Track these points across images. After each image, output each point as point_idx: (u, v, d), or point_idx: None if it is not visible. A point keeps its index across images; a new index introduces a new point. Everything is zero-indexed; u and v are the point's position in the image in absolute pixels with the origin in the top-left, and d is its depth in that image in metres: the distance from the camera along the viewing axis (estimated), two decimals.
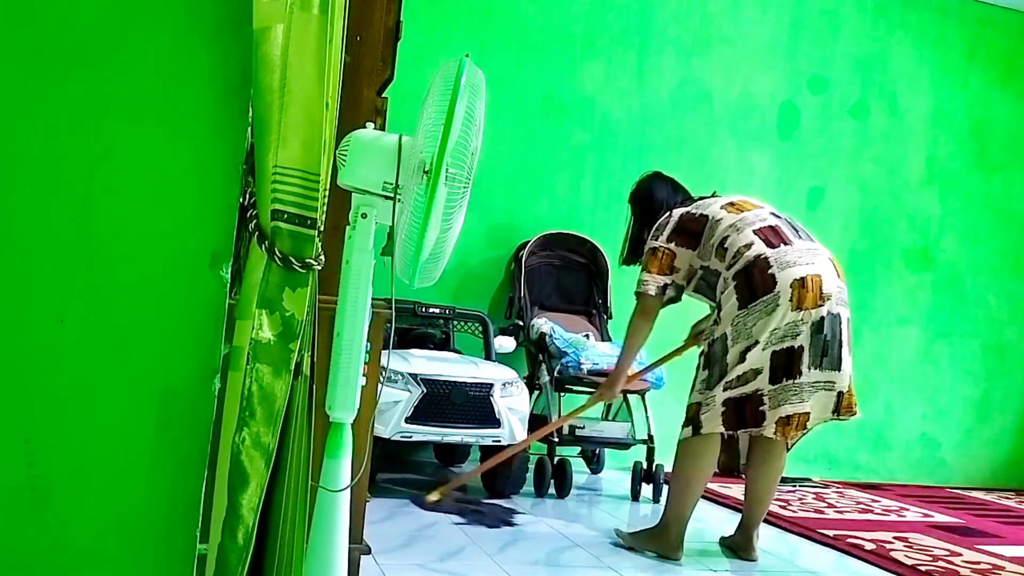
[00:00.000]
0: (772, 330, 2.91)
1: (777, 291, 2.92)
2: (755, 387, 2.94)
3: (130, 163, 1.46)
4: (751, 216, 3.11)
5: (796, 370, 2.92)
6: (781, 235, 3.05)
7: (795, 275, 2.93)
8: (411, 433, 3.57)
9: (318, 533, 1.75)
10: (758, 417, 2.95)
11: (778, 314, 2.91)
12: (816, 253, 3.04)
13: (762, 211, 3.15)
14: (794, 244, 3.02)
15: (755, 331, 2.93)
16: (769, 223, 3.09)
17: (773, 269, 2.95)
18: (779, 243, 3.01)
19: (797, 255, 2.99)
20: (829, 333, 2.95)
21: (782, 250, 2.99)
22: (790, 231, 3.08)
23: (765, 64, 5.33)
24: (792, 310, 2.91)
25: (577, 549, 3.12)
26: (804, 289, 2.92)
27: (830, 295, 2.96)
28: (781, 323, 2.91)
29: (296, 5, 1.47)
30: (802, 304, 2.91)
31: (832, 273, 3.01)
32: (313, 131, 1.49)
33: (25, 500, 1.40)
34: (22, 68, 1.41)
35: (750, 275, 2.98)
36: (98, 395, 1.44)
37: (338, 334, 1.79)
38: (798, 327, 2.92)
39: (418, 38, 4.33)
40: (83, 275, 1.44)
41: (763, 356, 2.92)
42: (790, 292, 2.91)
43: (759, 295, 2.95)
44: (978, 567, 3.35)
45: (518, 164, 4.85)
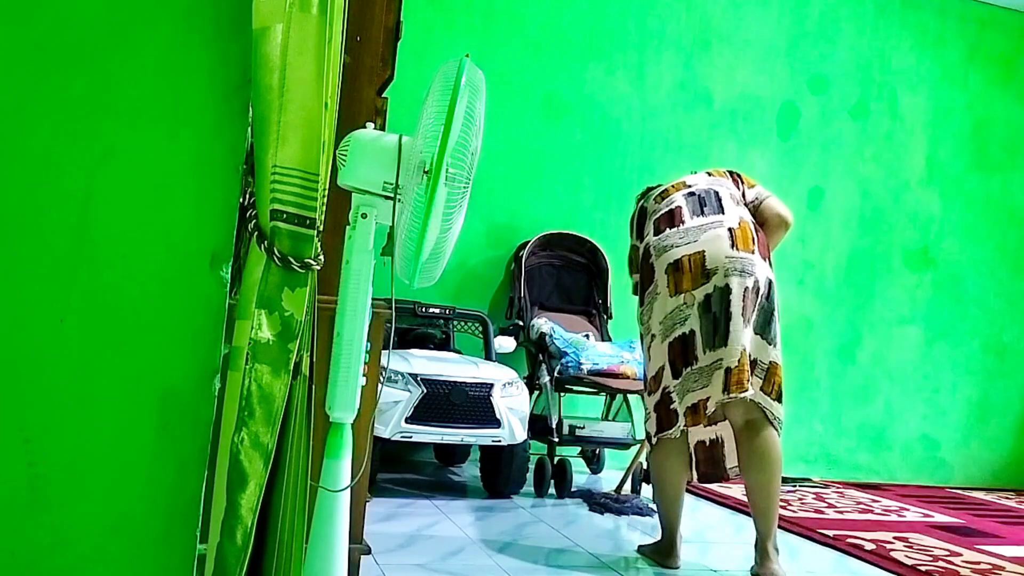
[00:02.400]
0: (660, 320, 2.88)
1: (655, 279, 2.89)
2: (664, 385, 2.90)
3: (130, 163, 1.46)
4: (664, 204, 3.04)
5: (692, 356, 2.84)
6: (675, 217, 2.95)
7: (670, 259, 2.87)
8: (411, 433, 3.57)
9: (318, 533, 1.75)
10: (672, 416, 2.88)
11: (659, 303, 2.88)
12: (707, 228, 2.88)
13: (678, 194, 3.04)
14: (685, 224, 2.92)
15: (650, 324, 2.92)
16: (673, 206, 2.99)
17: (652, 258, 2.92)
18: (666, 228, 2.94)
19: (679, 236, 2.89)
20: (717, 309, 2.81)
21: (664, 235, 2.93)
22: (691, 209, 2.96)
23: (765, 64, 5.33)
24: (671, 296, 2.85)
25: (577, 549, 3.12)
26: (679, 272, 2.85)
27: (715, 269, 2.82)
28: (666, 311, 2.86)
29: (296, 5, 1.47)
30: (680, 287, 2.84)
31: (723, 243, 2.84)
32: (312, 131, 1.49)
33: (25, 500, 1.40)
34: (22, 68, 1.41)
35: (642, 269, 2.99)
36: (98, 395, 1.44)
37: (338, 334, 1.79)
38: (683, 311, 2.84)
39: (418, 38, 4.34)
40: (83, 275, 1.44)
41: (662, 349, 2.89)
42: (665, 278, 2.87)
43: (646, 287, 2.94)
44: (978, 567, 3.35)
45: (518, 164, 4.86)
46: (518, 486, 3.88)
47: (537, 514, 3.61)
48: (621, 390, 4.18)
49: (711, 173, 3.17)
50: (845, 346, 5.43)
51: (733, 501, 4.18)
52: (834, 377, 5.38)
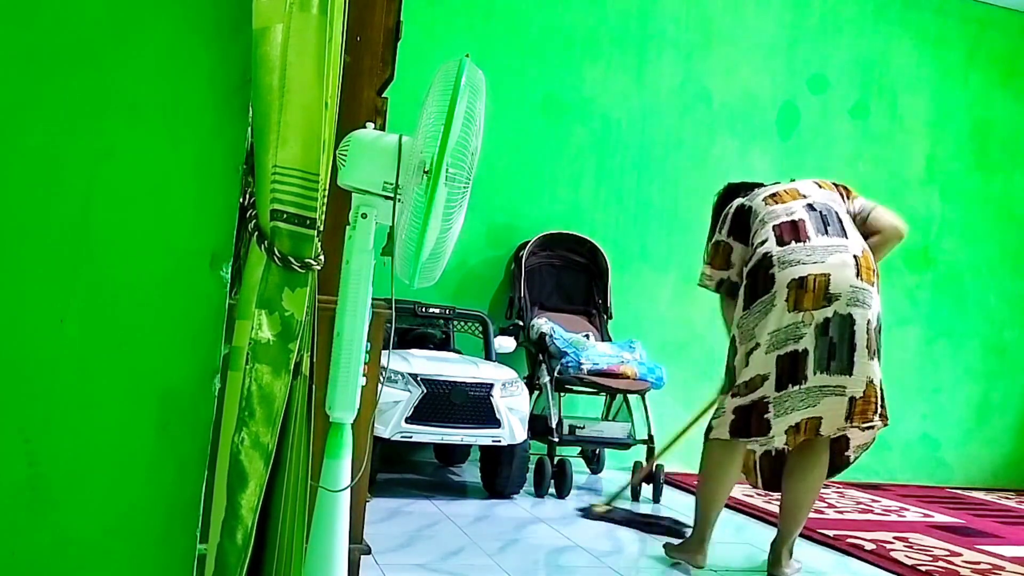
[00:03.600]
0: (771, 332, 2.84)
1: (774, 291, 2.85)
2: (761, 394, 2.86)
3: (130, 163, 1.46)
4: (781, 209, 3.00)
5: (801, 375, 2.82)
6: (800, 231, 2.92)
7: (795, 275, 2.83)
8: (411, 433, 3.57)
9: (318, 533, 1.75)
10: (763, 426, 2.86)
11: (774, 315, 2.84)
12: (833, 251, 2.88)
13: (797, 203, 3.01)
14: (811, 241, 2.89)
15: (756, 332, 2.87)
16: (794, 217, 2.95)
17: (774, 268, 2.87)
18: (791, 239, 2.90)
19: (806, 253, 2.87)
20: (836, 335, 2.82)
21: (790, 248, 2.88)
22: (815, 226, 2.93)
23: (765, 64, 5.33)
24: (789, 311, 2.82)
25: (577, 549, 3.12)
26: (802, 289, 2.82)
27: (838, 295, 2.82)
28: (780, 324, 2.83)
29: (296, 5, 1.47)
30: (800, 305, 2.81)
31: (849, 272, 2.85)
32: (312, 131, 1.49)
33: (25, 500, 1.40)
34: (22, 68, 1.41)
35: (755, 274, 2.92)
36: (98, 395, 1.44)
37: (338, 334, 1.79)
38: (799, 329, 2.82)
39: (418, 38, 4.33)
40: (83, 275, 1.44)
41: (767, 360, 2.85)
42: (786, 292, 2.83)
43: (759, 295, 2.89)
44: (978, 567, 3.35)
45: (518, 164, 4.86)
46: (518, 486, 3.88)
47: (537, 514, 3.61)
48: (621, 390, 4.19)
49: (820, 184, 3.14)
50: None
51: (733, 501, 4.18)
52: None
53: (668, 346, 5.02)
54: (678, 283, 5.13)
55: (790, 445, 2.91)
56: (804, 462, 2.98)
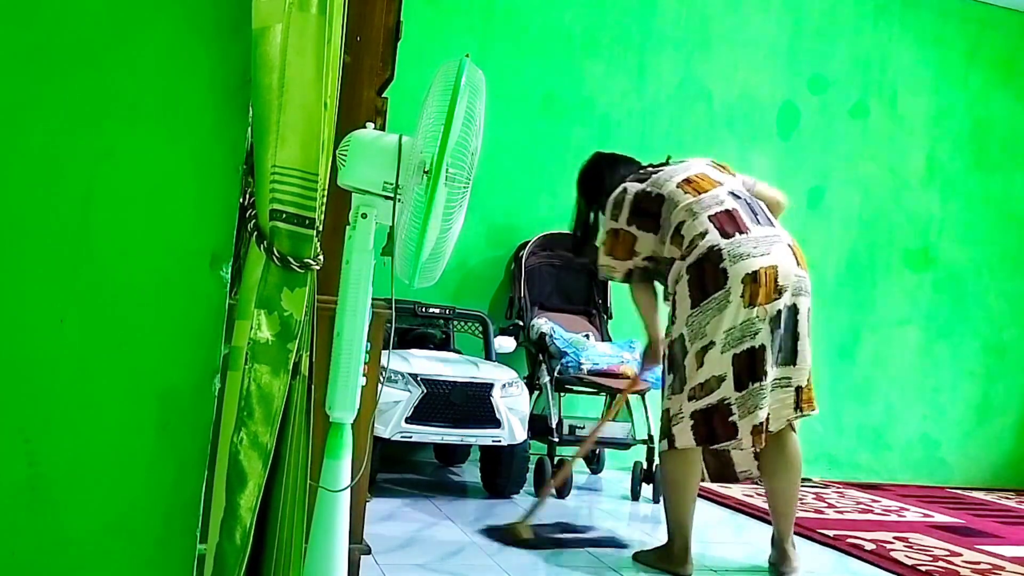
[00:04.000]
0: (727, 330, 2.75)
1: (728, 287, 2.74)
2: (720, 396, 2.77)
3: (130, 163, 1.46)
4: (707, 199, 2.90)
5: (761, 371, 2.75)
6: (738, 221, 2.84)
7: (747, 268, 2.74)
8: (411, 433, 3.57)
9: (318, 533, 1.75)
10: (729, 429, 2.77)
11: (730, 312, 2.74)
12: (773, 241, 2.83)
13: (720, 190, 2.93)
14: (751, 231, 2.82)
15: (709, 330, 2.77)
16: (726, 207, 2.87)
17: (725, 263, 2.76)
18: (734, 231, 2.81)
19: (752, 245, 2.79)
20: (784, 327, 2.79)
21: (736, 240, 2.79)
22: (748, 215, 2.87)
23: (765, 64, 5.33)
24: (745, 307, 2.74)
25: (577, 549, 3.12)
26: (756, 284, 2.74)
27: (786, 286, 2.78)
28: (736, 322, 2.74)
29: (295, 5, 1.47)
30: (755, 300, 2.74)
31: (790, 261, 2.82)
32: (311, 131, 1.49)
33: (25, 500, 1.40)
34: (22, 68, 1.41)
35: (702, 269, 2.80)
36: (98, 395, 1.44)
37: (338, 334, 1.79)
38: (755, 325, 2.74)
39: (418, 38, 4.33)
40: (83, 275, 1.44)
41: (723, 360, 2.76)
42: (741, 288, 2.74)
43: (710, 292, 2.77)
44: (978, 567, 3.35)
45: (518, 164, 4.85)
46: (518, 486, 3.88)
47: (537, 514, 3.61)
48: (621, 390, 4.18)
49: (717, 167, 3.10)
50: (845, 346, 5.43)
51: (733, 501, 4.19)
52: (834, 377, 5.37)
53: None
54: None
55: (757, 446, 2.82)
56: (778, 456, 2.95)
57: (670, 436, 2.87)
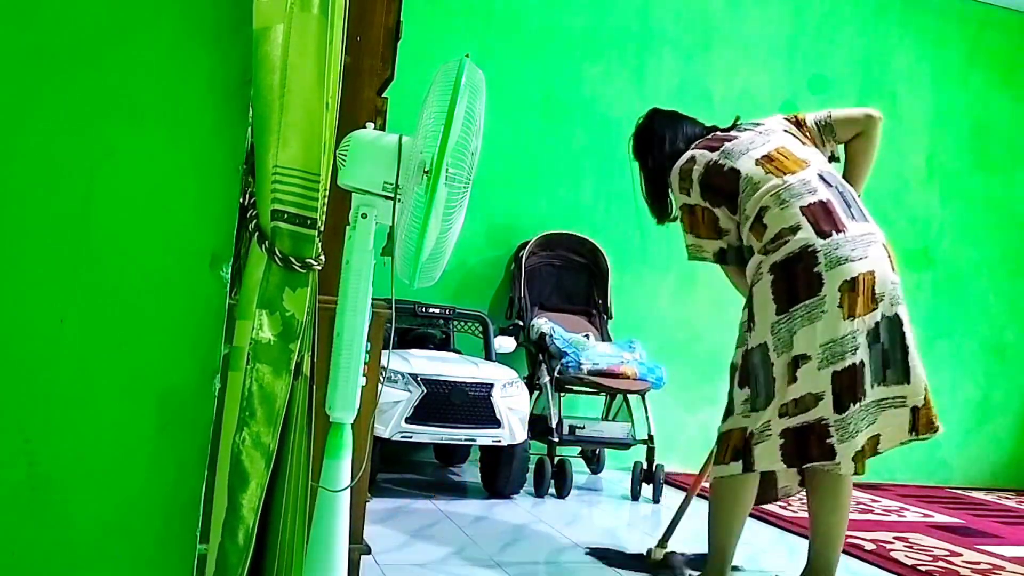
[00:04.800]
0: (824, 344, 2.40)
1: (823, 294, 2.40)
2: (818, 415, 2.42)
3: (130, 163, 1.46)
4: (797, 184, 2.53)
5: (860, 391, 2.42)
6: (834, 217, 2.48)
7: (845, 275, 2.40)
8: (411, 433, 3.57)
9: (318, 533, 1.75)
10: (826, 451, 2.44)
11: (826, 323, 2.40)
12: (870, 241, 2.49)
13: (808, 173, 2.56)
14: (847, 230, 2.46)
15: (799, 341, 2.42)
16: (820, 197, 2.50)
17: (820, 266, 2.42)
18: (831, 229, 2.45)
19: (851, 247, 2.44)
20: (887, 340, 2.45)
21: (834, 241, 2.44)
22: (843, 208, 2.51)
23: (765, 64, 5.33)
24: (845, 318, 2.40)
25: (577, 549, 3.12)
26: (854, 292, 2.40)
27: (883, 295, 2.45)
28: (835, 335, 2.40)
29: (296, 5, 1.47)
30: (853, 311, 2.40)
31: (886, 264, 2.49)
32: (313, 131, 1.49)
33: (25, 500, 1.40)
34: (22, 68, 1.41)
35: (793, 271, 2.45)
36: (98, 395, 1.44)
37: (338, 334, 1.79)
38: (855, 339, 2.40)
39: (418, 38, 4.33)
40: (83, 275, 1.44)
41: (821, 378, 2.41)
42: (839, 296, 2.40)
43: (801, 298, 2.43)
44: (978, 567, 3.35)
45: (518, 164, 4.86)
46: (518, 486, 3.88)
47: (537, 514, 3.61)
48: (621, 390, 4.19)
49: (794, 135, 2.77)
50: None
51: None
52: None
53: (668, 346, 5.02)
54: (678, 283, 5.13)
55: (859, 472, 2.51)
56: (825, 480, 2.59)
57: (748, 458, 2.49)
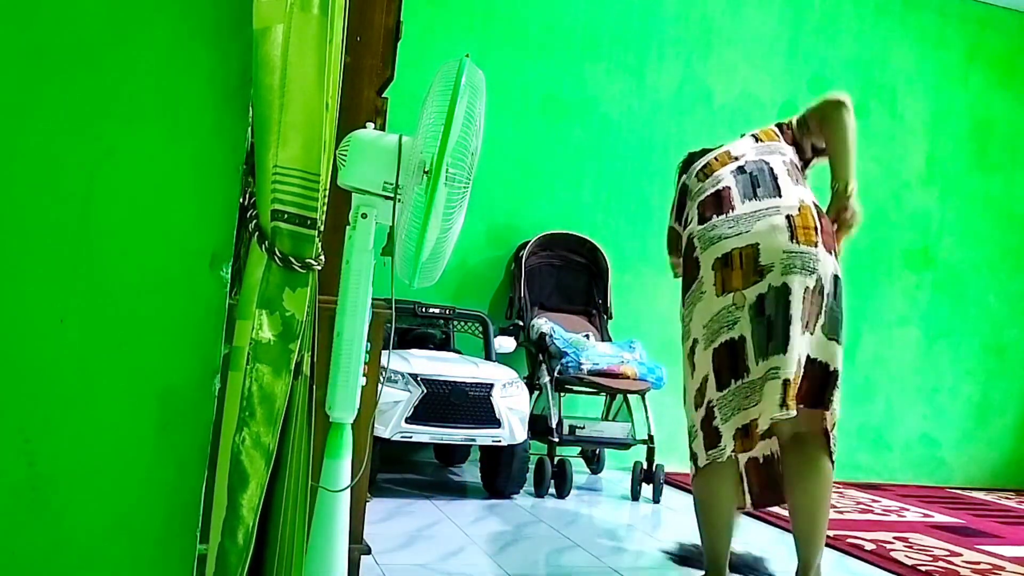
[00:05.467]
0: (706, 324, 2.45)
1: (701, 276, 2.47)
2: (707, 399, 2.45)
3: (130, 163, 1.46)
4: (708, 183, 2.61)
5: (743, 367, 2.40)
6: (723, 202, 2.51)
7: (718, 252, 2.45)
8: (411, 433, 3.57)
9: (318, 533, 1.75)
10: (714, 436, 2.44)
11: (703, 304, 2.45)
12: (761, 215, 2.46)
13: (726, 169, 2.61)
14: (736, 210, 2.48)
15: (692, 328, 2.50)
16: (720, 187, 2.56)
17: (697, 251, 2.49)
18: (712, 214, 2.51)
19: (728, 225, 2.46)
20: (772, 311, 2.39)
21: (711, 223, 2.49)
22: (742, 191, 2.52)
23: (765, 64, 5.33)
24: (718, 295, 2.42)
25: (577, 549, 3.12)
26: (728, 267, 2.42)
27: (771, 264, 2.40)
28: (712, 312, 2.43)
29: (296, 6, 1.47)
30: (728, 285, 2.41)
31: (781, 236, 2.42)
32: (313, 131, 1.49)
33: (25, 500, 1.40)
34: (22, 68, 1.41)
35: (684, 261, 2.57)
36: (98, 395, 1.44)
37: (338, 334, 1.79)
38: (732, 313, 2.41)
39: (418, 38, 4.34)
40: (83, 275, 1.44)
41: (706, 358, 2.45)
42: (713, 275, 2.44)
43: (688, 285, 2.53)
44: (978, 567, 3.35)
45: (518, 164, 4.86)
46: (518, 486, 3.88)
47: (537, 514, 3.61)
48: (621, 390, 4.19)
49: (758, 137, 2.76)
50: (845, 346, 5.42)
51: None
52: None
53: (668, 346, 5.00)
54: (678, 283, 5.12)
55: (737, 450, 2.45)
56: (802, 471, 2.53)
57: (693, 456, 2.53)
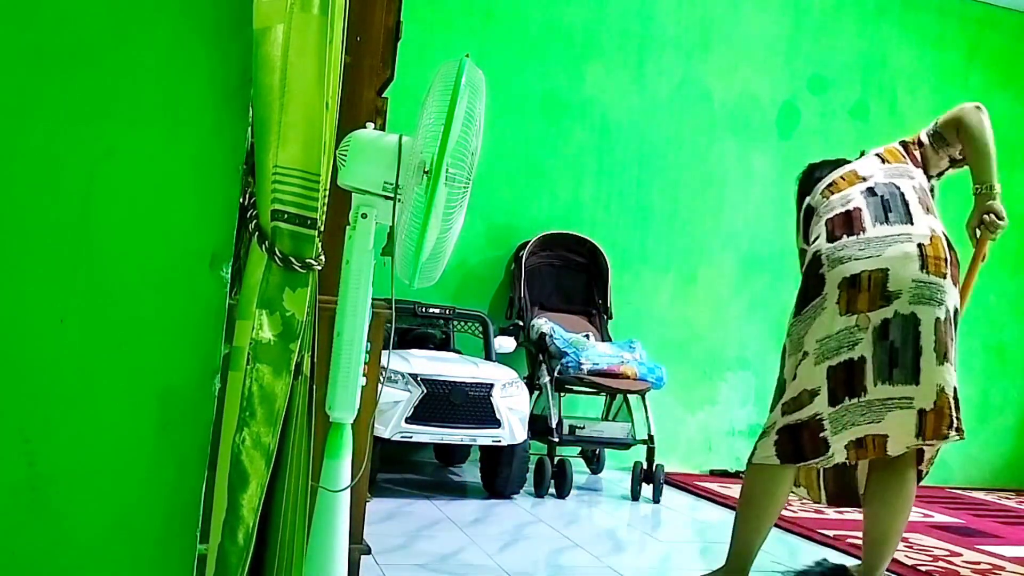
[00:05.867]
0: (821, 339, 2.50)
1: (824, 293, 2.51)
2: (813, 411, 2.49)
3: (130, 163, 1.46)
4: (836, 200, 2.66)
5: (860, 387, 2.46)
6: (854, 222, 2.57)
7: (846, 272, 2.49)
8: (411, 433, 3.57)
9: (318, 533, 1.75)
10: (818, 445, 2.48)
11: (823, 320, 2.50)
12: (893, 241, 2.52)
13: (854, 189, 2.66)
14: (866, 232, 2.54)
15: (804, 341, 2.54)
16: (850, 207, 2.61)
17: (824, 268, 2.53)
18: (843, 233, 2.56)
19: (859, 247, 2.51)
20: (898, 338, 2.45)
21: (842, 243, 2.54)
22: (874, 214, 2.58)
23: (765, 64, 5.33)
24: (841, 314, 2.47)
25: (577, 549, 3.12)
26: (855, 289, 2.47)
27: (899, 292, 2.45)
28: (831, 331, 2.48)
29: (296, 5, 1.47)
30: (853, 307, 2.47)
31: (912, 265, 2.48)
32: (313, 131, 1.49)
33: (25, 500, 1.40)
34: (22, 68, 1.41)
35: (806, 276, 2.60)
36: (98, 395, 1.44)
37: (338, 334, 1.79)
38: (853, 335, 2.46)
39: (418, 38, 4.34)
40: (83, 275, 1.44)
41: (816, 373, 2.49)
42: (837, 294, 2.49)
43: (810, 299, 2.55)
44: (978, 567, 3.35)
45: (518, 164, 4.86)
46: (518, 486, 3.88)
47: (537, 514, 3.61)
48: (621, 390, 4.19)
49: (884, 158, 2.79)
50: None
51: (733, 501, 4.18)
52: None
53: (668, 346, 5.02)
54: (678, 283, 5.13)
55: (851, 460, 2.56)
56: (887, 481, 2.61)
57: (754, 449, 2.59)
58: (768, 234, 5.29)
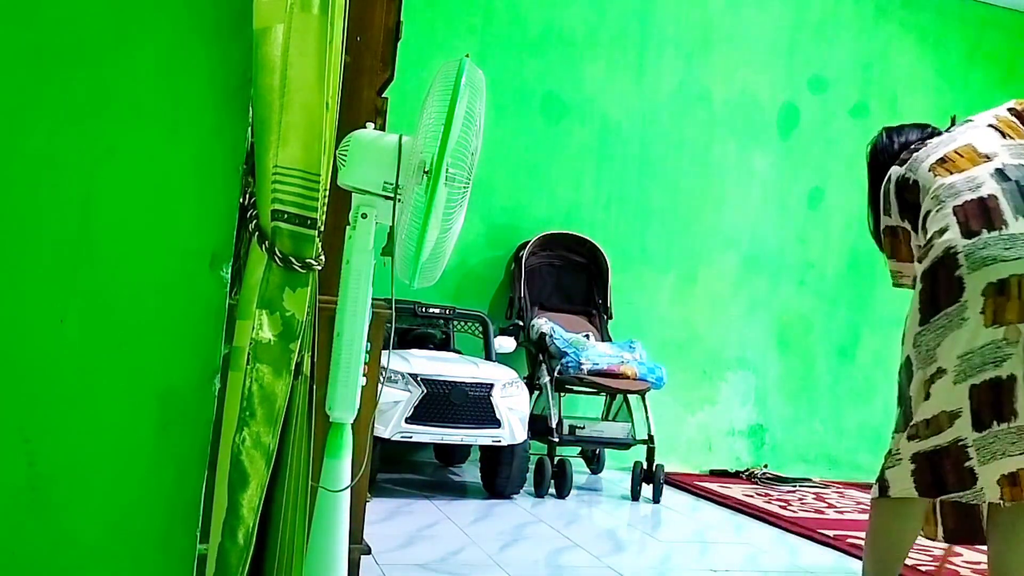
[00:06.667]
0: (962, 355, 2.14)
1: (964, 300, 2.14)
2: (954, 436, 2.15)
3: (130, 163, 1.46)
4: (961, 181, 2.24)
5: (1009, 409, 2.11)
6: (992, 213, 2.17)
7: (991, 277, 2.11)
8: (411, 433, 3.57)
9: (318, 533, 1.75)
10: (963, 477, 2.15)
11: (965, 332, 2.14)
12: None
13: (982, 169, 2.25)
14: (1009, 227, 2.14)
15: (940, 354, 2.17)
16: (983, 192, 2.20)
17: (962, 269, 2.14)
18: (981, 228, 2.15)
19: (1004, 246, 2.12)
20: None
21: (982, 239, 2.14)
22: (1013, 203, 2.17)
23: (765, 64, 5.33)
24: (986, 326, 2.11)
25: (577, 549, 3.12)
26: (1003, 296, 2.10)
27: None
28: (973, 345, 2.12)
29: (296, 6, 1.47)
30: (1000, 317, 2.11)
31: None
32: (313, 131, 1.49)
33: (25, 500, 1.40)
34: (22, 68, 1.41)
35: (934, 276, 2.21)
36: (98, 395, 1.44)
37: (338, 334, 1.79)
38: (1001, 350, 2.11)
39: (418, 38, 4.34)
40: (83, 275, 1.44)
41: (956, 392, 2.15)
42: (981, 301, 2.12)
43: (942, 306, 2.18)
44: (978, 567, 3.35)
45: (518, 164, 4.86)
46: (518, 486, 3.88)
47: (537, 514, 3.61)
48: (621, 390, 4.19)
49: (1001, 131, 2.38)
50: (845, 346, 5.43)
51: (733, 501, 4.18)
52: (834, 377, 5.38)
53: (668, 346, 5.02)
54: (678, 283, 5.13)
55: (1006, 499, 2.17)
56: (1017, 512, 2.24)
57: (882, 481, 2.27)
58: (768, 234, 5.29)
